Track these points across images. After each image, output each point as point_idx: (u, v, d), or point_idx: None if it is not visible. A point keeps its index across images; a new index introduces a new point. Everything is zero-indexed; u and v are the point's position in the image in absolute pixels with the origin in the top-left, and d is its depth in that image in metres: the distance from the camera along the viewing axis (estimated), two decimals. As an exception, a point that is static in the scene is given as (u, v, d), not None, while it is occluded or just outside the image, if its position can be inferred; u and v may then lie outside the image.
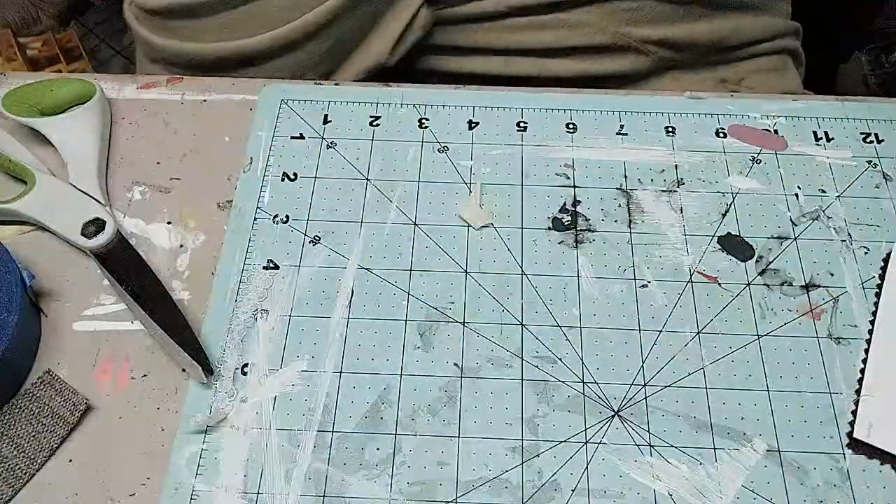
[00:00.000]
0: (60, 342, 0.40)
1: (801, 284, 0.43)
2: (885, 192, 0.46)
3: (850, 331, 0.41)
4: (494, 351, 0.40)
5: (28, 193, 0.44)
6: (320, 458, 0.37)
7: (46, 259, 0.43)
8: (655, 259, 0.43)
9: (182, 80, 0.51)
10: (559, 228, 0.45)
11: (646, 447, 0.38)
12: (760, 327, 0.41)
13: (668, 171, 0.47)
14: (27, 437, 0.37)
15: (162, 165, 0.47)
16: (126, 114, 0.49)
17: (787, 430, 0.38)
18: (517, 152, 0.48)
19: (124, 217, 0.45)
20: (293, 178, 0.46)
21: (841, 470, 0.37)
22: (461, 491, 0.36)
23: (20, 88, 0.48)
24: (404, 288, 0.42)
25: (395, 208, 0.45)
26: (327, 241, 0.44)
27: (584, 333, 0.41)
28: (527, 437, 0.38)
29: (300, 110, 0.49)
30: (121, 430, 0.38)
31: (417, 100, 0.50)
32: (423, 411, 0.38)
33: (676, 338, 0.41)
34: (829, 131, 0.49)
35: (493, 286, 0.42)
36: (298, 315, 0.41)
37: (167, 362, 0.40)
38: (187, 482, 0.36)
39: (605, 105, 0.50)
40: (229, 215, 0.45)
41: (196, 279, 0.43)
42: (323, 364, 0.40)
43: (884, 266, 0.43)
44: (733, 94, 0.51)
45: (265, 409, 0.38)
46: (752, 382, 0.39)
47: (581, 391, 0.39)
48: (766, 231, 0.45)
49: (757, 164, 0.47)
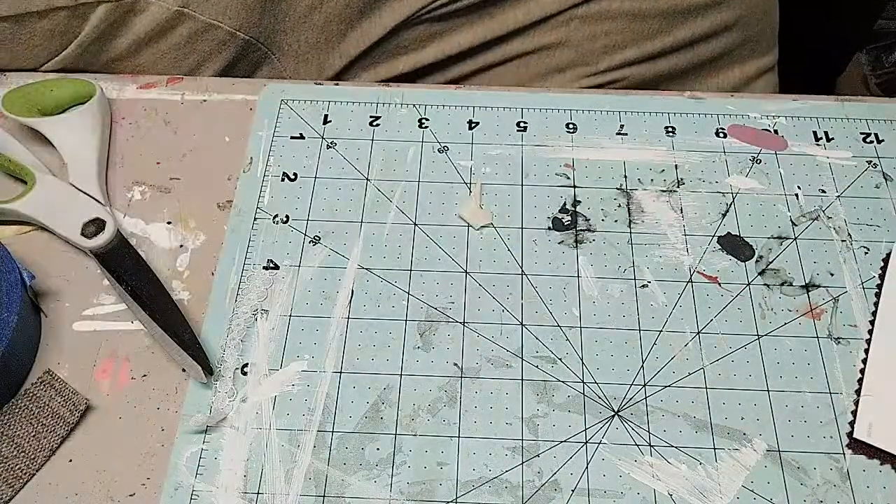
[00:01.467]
0: (60, 342, 0.40)
1: (801, 284, 0.43)
2: (885, 192, 0.46)
3: (850, 331, 0.41)
4: (494, 351, 0.40)
5: (28, 193, 0.44)
6: (320, 458, 0.37)
7: (46, 259, 0.43)
8: (655, 259, 0.43)
9: (182, 80, 0.51)
10: (559, 228, 0.45)
11: (646, 447, 0.38)
12: (760, 327, 0.41)
13: (668, 171, 0.47)
14: (27, 437, 0.37)
15: (162, 165, 0.47)
16: (126, 114, 0.49)
17: (787, 430, 0.38)
18: (517, 152, 0.48)
19: (124, 217, 0.45)
20: (293, 178, 0.46)
21: (841, 470, 0.37)
22: (461, 491, 0.36)
23: (20, 88, 0.48)
24: (404, 288, 0.42)
25: (395, 208, 0.45)
26: (327, 241, 0.44)
27: (584, 333, 0.41)
28: (527, 437, 0.38)
29: (300, 110, 0.49)
30: (121, 430, 0.38)
31: (417, 100, 0.50)
32: (423, 411, 0.38)
33: (676, 338, 0.41)
34: (829, 131, 0.49)
35: (493, 286, 0.42)
36: (298, 315, 0.41)
37: (167, 362, 0.40)
38: (187, 482, 0.36)
39: (605, 105, 0.50)
40: (229, 215, 0.45)
41: (196, 279, 0.43)
42: (323, 364, 0.40)
43: (884, 266, 0.43)
44: (733, 94, 0.51)
45: (265, 409, 0.38)
46: (752, 382, 0.39)
47: (581, 391, 0.39)
48: (766, 231, 0.45)
49: (757, 164, 0.47)
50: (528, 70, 0.55)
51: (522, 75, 0.55)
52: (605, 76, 0.55)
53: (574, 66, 0.55)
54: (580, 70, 0.55)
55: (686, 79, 0.58)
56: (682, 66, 0.56)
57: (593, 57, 0.54)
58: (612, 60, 0.54)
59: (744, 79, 0.59)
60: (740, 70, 0.59)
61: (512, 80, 0.56)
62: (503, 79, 0.56)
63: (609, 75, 0.55)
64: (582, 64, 0.55)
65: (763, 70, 0.60)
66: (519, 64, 0.55)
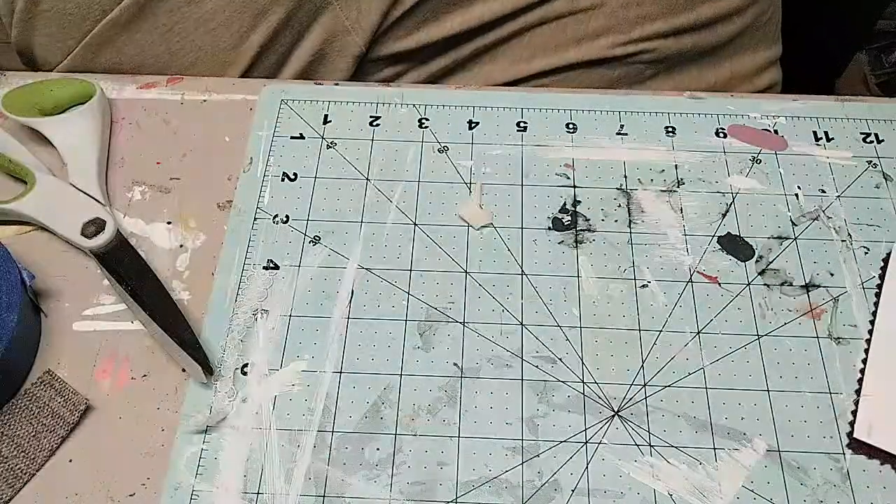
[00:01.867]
0: (60, 342, 0.40)
1: (801, 284, 0.43)
2: (885, 192, 0.46)
3: (850, 331, 0.41)
4: (494, 351, 0.40)
5: (28, 193, 0.44)
6: (320, 458, 0.37)
7: (46, 259, 0.43)
8: (655, 259, 0.43)
9: (182, 80, 0.51)
10: (559, 228, 0.45)
11: (646, 447, 0.38)
12: (760, 327, 0.41)
13: (668, 171, 0.47)
14: (27, 437, 0.37)
15: (162, 165, 0.47)
16: (126, 114, 0.49)
17: (787, 430, 0.38)
18: (517, 152, 0.48)
19: (124, 217, 0.45)
20: (293, 178, 0.46)
21: (841, 470, 0.37)
22: (461, 491, 0.36)
23: (20, 88, 0.48)
24: (404, 288, 0.42)
25: (395, 208, 0.45)
26: (327, 241, 0.44)
27: (584, 333, 0.41)
28: (527, 437, 0.38)
29: (300, 110, 0.49)
30: (121, 430, 0.38)
31: (417, 100, 0.50)
32: (423, 411, 0.38)
33: (676, 338, 0.41)
34: (829, 131, 0.49)
35: (493, 286, 0.42)
36: (298, 315, 0.41)
37: (167, 362, 0.40)
38: (187, 482, 0.36)
39: (605, 105, 0.50)
40: (229, 215, 0.45)
41: (196, 279, 0.43)
42: (323, 364, 0.40)
43: (884, 266, 0.43)
44: (733, 95, 0.51)
45: (265, 409, 0.38)
46: (752, 382, 0.39)
47: (581, 391, 0.39)
48: (766, 231, 0.45)
49: (757, 164, 0.47)
50: (564, 34, 0.56)
51: (559, 39, 0.56)
52: (637, 45, 0.57)
53: (608, 33, 0.56)
54: (614, 38, 0.56)
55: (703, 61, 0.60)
56: (703, 45, 0.58)
57: (627, 25, 0.56)
58: (644, 31, 0.56)
59: (754, 68, 0.61)
60: (752, 58, 0.61)
61: (548, 42, 0.56)
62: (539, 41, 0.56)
63: (640, 45, 0.57)
64: (616, 31, 0.56)
65: (771, 61, 0.63)
66: (556, 26, 0.56)
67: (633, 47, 0.57)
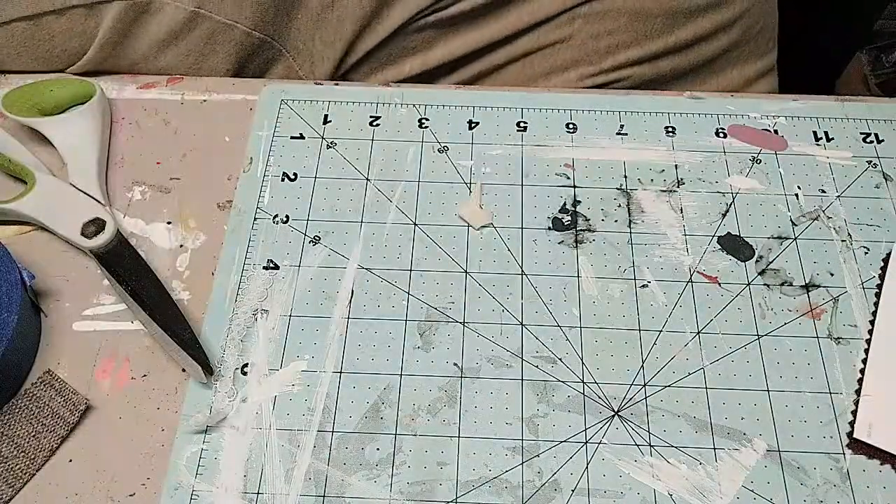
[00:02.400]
0: (60, 342, 0.40)
1: (801, 284, 0.43)
2: (885, 192, 0.46)
3: (850, 331, 0.41)
4: (494, 351, 0.40)
5: (28, 193, 0.44)
6: (320, 458, 0.37)
7: (46, 259, 0.43)
8: (655, 259, 0.43)
9: (182, 80, 0.51)
10: (559, 228, 0.45)
11: (646, 447, 0.38)
12: (760, 327, 0.41)
13: (668, 171, 0.47)
14: (27, 437, 0.37)
15: (162, 165, 0.47)
16: (126, 114, 0.49)
17: (787, 430, 0.38)
18: (517, 152, 0.48)
19: (124, 217, 0.45)
20: (293, 178, 0.46)
21: (841, 470, 0.37)
22: (461, 491, 0.36)
23: (20, 88, 0.48)
24: (404, 288, 0.42)
25: (395, 208, 0.45)
26: (327, 241, 0.44)
27: (584, 333, 0.41)
28: (527, 437, 0.38)
29: (300, 110, 0.49)
30: (121, 430, 0.38)
31: (417, 100, 0.50)
32: (423, 411, 0.38)
33: (676, 338, 0.41)
34: (829, 131, 0.49)
35: (493, 286, 0.42)
36: (298, 315, 0.41)
37: (167, 362, 0.40)
38: (187, 482, 0.36)
39: (605, 105, 0.50)
40: (229, 215, 0.45)
41: (196, 279, 0.43)
42: (323, 364, 0.40)
43: (884, 266, 0.43)
44: (733, 94, 0.51)
45: (265, 409, 0.38)
46: (752, 382, 0.39)
47: (581, 391, 0.39)
48: (766, 231, 0.45)
49: (757, 164, 0.47)
50: (532, 69, 0.55)
51: (527, 74, 0.56)
52: (608, 75, 0.55)
53: (577, 66, 0.55)
54: (583, 69, 0.55)
55: (686, 80, 0.58)
56: (684, 66, 0.57)
57: (597, 56, 0.55)
58: (616, 60, 0.55)
59: (743, 81, 0.59)
60: (740, 72, 0.59)
61: (516, 80, 0.56)
62: (507, 79, 0.56)
63: (612, 75, 0.55)
64: (585, 63, 0.55)
65: (762, 72, 0.60)
66: (524, 63, 0.55)
67: (605, 77, 0.55)
